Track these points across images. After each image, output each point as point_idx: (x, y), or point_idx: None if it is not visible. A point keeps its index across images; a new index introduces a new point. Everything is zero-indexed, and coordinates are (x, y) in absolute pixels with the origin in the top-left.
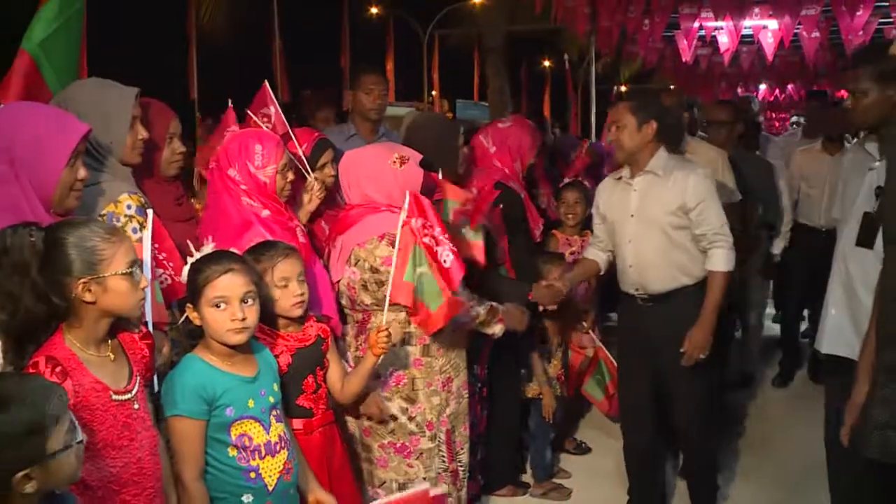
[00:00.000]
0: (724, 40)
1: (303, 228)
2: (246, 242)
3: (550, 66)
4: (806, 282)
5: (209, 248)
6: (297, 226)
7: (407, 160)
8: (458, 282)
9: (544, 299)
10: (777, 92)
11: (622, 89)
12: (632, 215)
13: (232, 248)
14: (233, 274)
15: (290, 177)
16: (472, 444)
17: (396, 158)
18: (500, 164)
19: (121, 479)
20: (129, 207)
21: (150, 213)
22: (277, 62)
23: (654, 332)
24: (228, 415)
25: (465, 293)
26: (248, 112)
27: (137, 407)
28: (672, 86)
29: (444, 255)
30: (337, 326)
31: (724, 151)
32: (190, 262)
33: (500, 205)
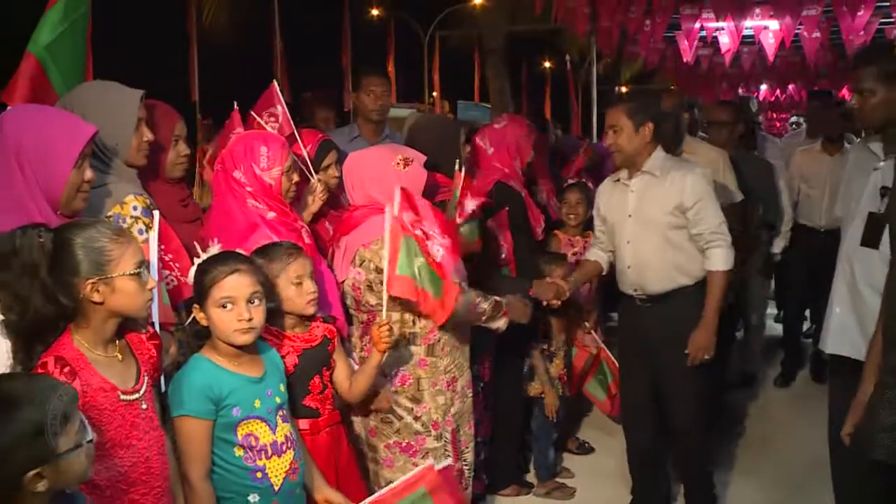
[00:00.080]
0: (725, 41)
1: (308, 230)
2: (252, 244)
3: (551, 67)
4: (805, 282)
5: (216, 250)
6: (303, 227)
7: (411, 161)
8: (451, 272)
9: (545, 294)
10: (778, 92)
11: (622, 90)
12: (630, 216)
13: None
14: (239, 274)
15: (296, 178)
16: (476, 444)
17: (400, 160)
18: (500, 165)
19: (129, 479)
20: (135, 209)
21: (157, 214)
22: (278, 64)
23: (653, 333)
24: (235, 415)
25: (471, 291)
26: (252, 113)
27: (145, 407)
28: (673, 86)
29: (434, 248)
30: (343, 327)
31: (724, 152)
32: (196, 263)
33: (506, 207)
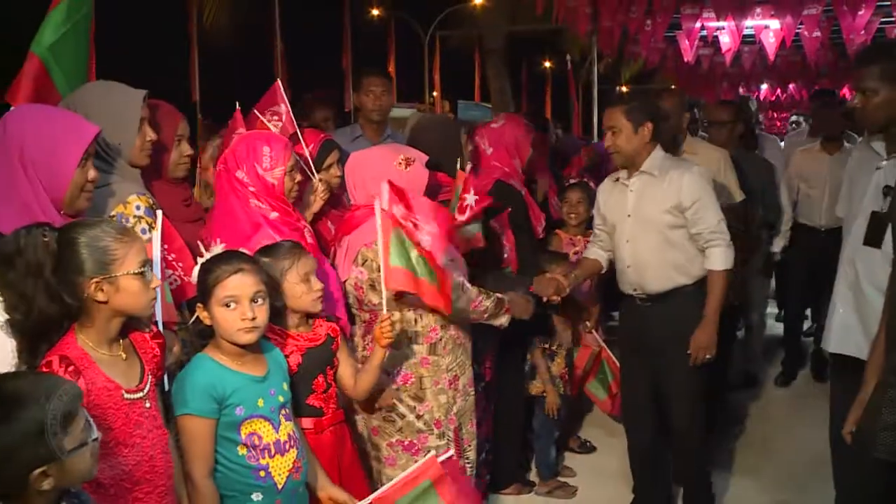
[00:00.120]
0: (725, 40)
1: (310, 229)
2: (255, 244)
3: (551, 67)
4: (805, 281)
5: (219, 249)
6: (305, 227)
7: (413, 161)
8: (441, 259)
9: (546, 290)
10: (779, 91)
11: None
12: (629, 216)
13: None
14: (243, 274)
15: (298, 178)
16: (478, 443)
17: (402, 160)
18: (500, 164)
19: (133, 477)
20: (138, 208)
21: (160, 213)
22: (279, 64)
23: (652, 333)
24: (238, 414)
25: (473, 288)
26: (255, 111)
27: (149, 405)
28: (674, 86)
29: (423, 238)
30: (346, 326)
31: (726, 151)
32: (200, 263)
33: (508, 207)
